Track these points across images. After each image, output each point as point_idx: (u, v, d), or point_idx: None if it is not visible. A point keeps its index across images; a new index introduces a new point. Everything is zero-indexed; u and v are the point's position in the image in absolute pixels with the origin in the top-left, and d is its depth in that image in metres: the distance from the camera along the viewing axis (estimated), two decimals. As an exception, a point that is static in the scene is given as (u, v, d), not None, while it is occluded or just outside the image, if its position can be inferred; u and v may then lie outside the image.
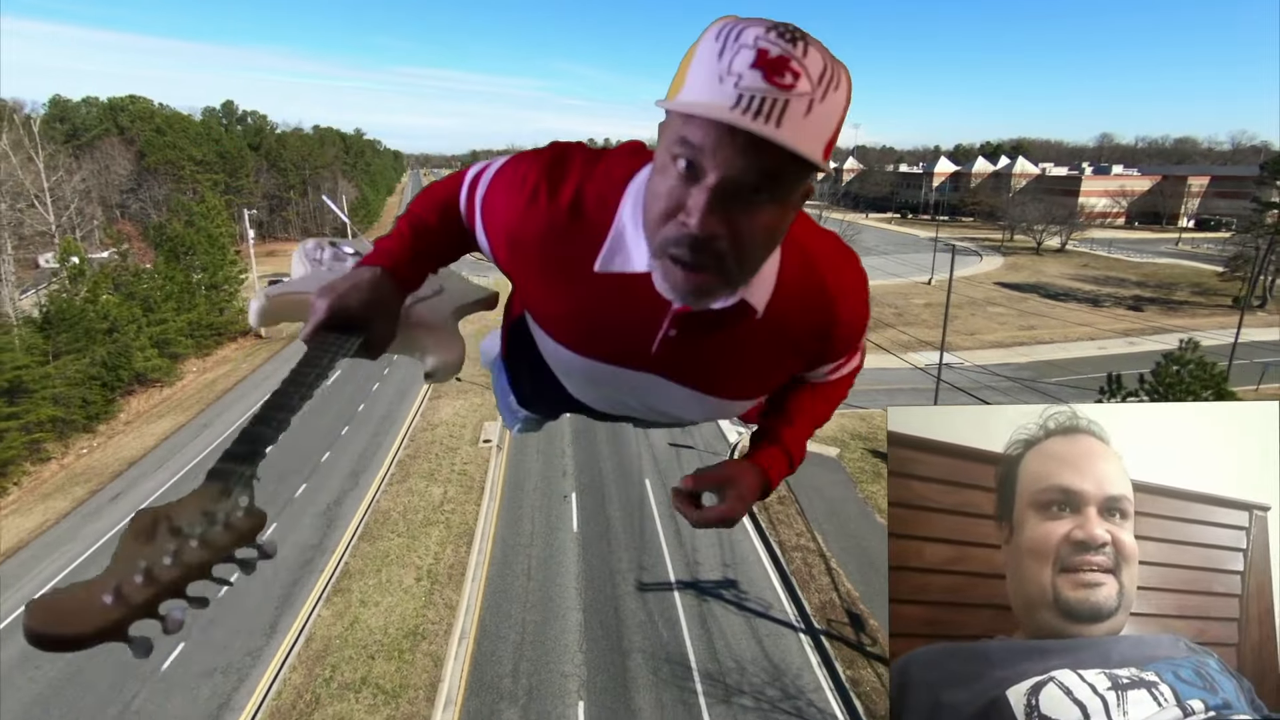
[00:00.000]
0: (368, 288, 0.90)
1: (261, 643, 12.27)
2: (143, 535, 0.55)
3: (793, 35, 0.64)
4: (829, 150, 0.68)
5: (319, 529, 16.06)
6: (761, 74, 0.62)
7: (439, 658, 11.95)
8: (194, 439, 22.24)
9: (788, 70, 0.62)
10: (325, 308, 0.87)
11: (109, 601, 0.49)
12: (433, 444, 20.81)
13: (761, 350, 0.89)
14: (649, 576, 14.06)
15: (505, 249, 0.92)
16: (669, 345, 0.87)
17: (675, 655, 11.89)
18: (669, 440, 20.20)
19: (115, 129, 60.35)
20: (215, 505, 0.60)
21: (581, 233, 0.83)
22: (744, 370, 0.92)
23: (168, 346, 28.47)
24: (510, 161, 0.94)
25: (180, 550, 0.54)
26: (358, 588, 13.86)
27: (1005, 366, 28.14)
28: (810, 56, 0.63)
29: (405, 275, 0.97)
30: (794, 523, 15.83)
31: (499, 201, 0.91)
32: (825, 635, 12.16)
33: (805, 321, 0.88)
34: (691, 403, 0.98)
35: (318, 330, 0.87)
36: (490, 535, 15.81)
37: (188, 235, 33.23)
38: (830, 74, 0.65)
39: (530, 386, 1.31)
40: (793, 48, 0.63)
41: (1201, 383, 14.57)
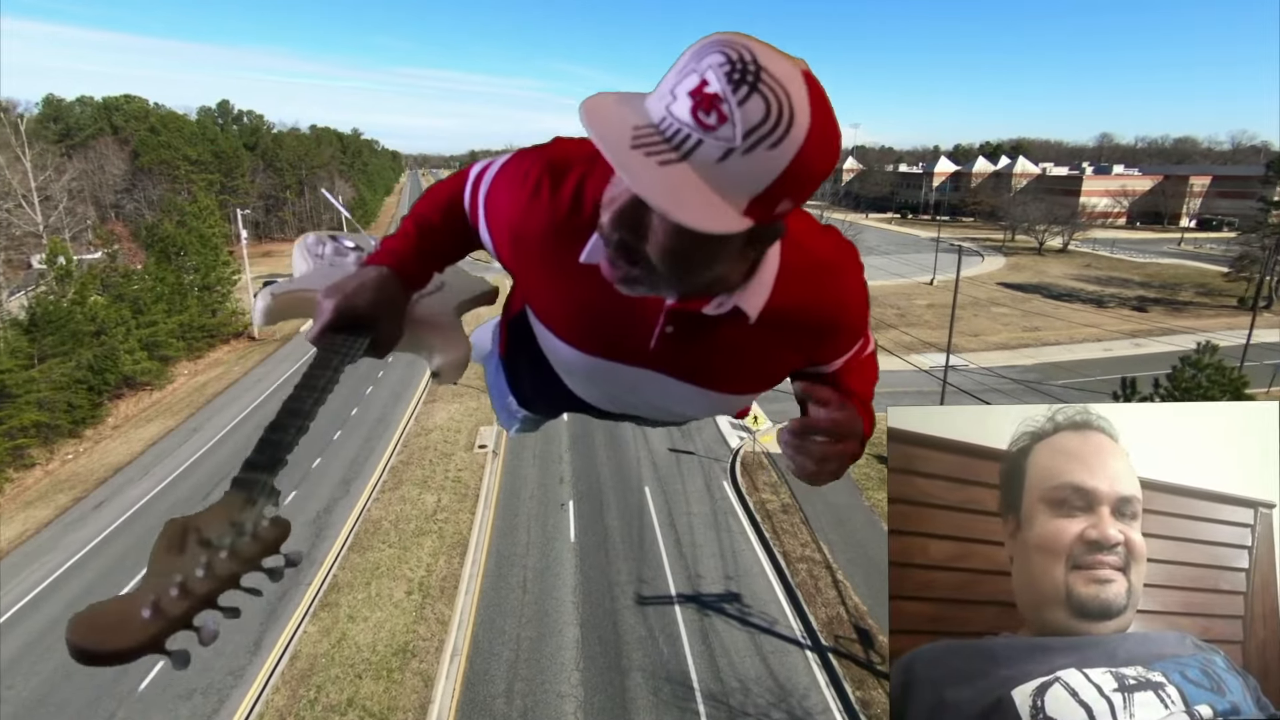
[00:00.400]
0: (374, 287, 0.91)
1: (245, 661, 11.75)
2: (174, 547, 0.56)
3: (743, 78, 0.58)
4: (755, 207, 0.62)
5: (308, 539, 15.53)
6: (690, 105, 0.59)
7: (429, 677, 11.43)
8: (182, 444, 21.71)
9: (715, 110, 0.58)
10: (332, 308, 0.88)
11: (148, 615, 0.50)
12: (427, 449, 20.29)
13: (761, 349, 0.89)
14: (649, 589, 13.56)
15: (508, 245, 0.92)
16: (667, 342, 0.87)
17: (676, 674, 11.38)
18: (669, 446, 19.71)
19: (109, 128, 59.87)
20: (241, 515, 0.61)
21: (583, 228, 0.82)
22: (744, 368, 0.92)
23: (158, 349, 27.90)
24: (513, 158, 0.93)
25: (212, 562, 0.55)
26: (346, 602, 13.34)
27: (1010, 368, 27.68)
28: (750, 105, 0.58)
29: (411, 274, 0.98)
30: (798, 532, 15.33)
31: (502, 198, 0.91)
32: (833, 653, 11.65)
33: (804, 323, 0.87)
34: (692, 398, 0.97)
35: (325, 331, 0.87)
36: (484, 545, 15.30)
37: (179, 235, 32.67)
38: (771, 130, 0.58)
39: (530, 384, 1.30)
40: (733, 90, 0.58)
41: (1220, 387, 14.09)
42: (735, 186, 0.60)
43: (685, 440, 20.10)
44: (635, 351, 0.90)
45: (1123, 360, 28.44)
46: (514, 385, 1.37)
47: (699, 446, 19.86)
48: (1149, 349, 30.53)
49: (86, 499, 18.45)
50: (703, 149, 0.59)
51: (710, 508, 16.71)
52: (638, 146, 0.60)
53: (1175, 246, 60.26)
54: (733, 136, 0.58)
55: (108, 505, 17.92)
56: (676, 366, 0.91)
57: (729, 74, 0.58)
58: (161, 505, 17.65)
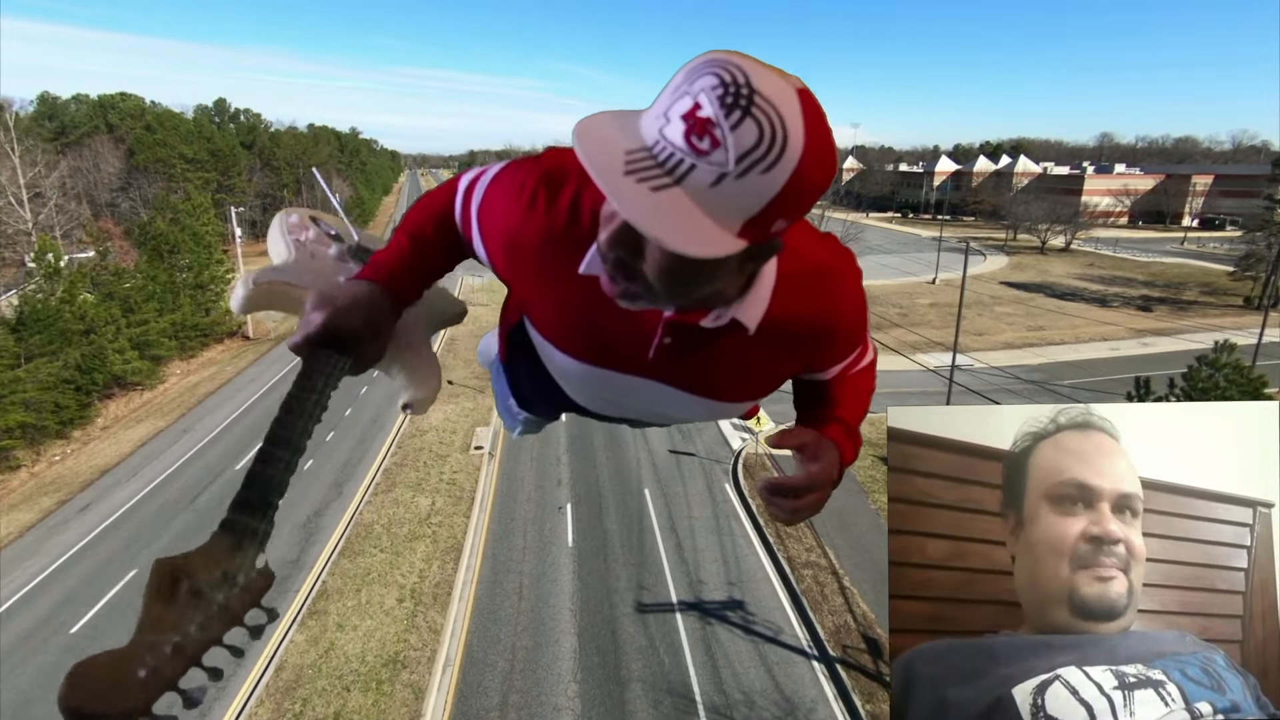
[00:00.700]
0: (367, 306, 0.89)
1: (228, 671, 11.18)
2: (165, 594, 0.55)
3: (736, 101, 0.57)
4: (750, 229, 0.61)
5: (297, 543, 15.07)
6: (683, 129, 0.58)
7: (420, 689, 10.97)
8: (171, 445, 21.23)
9: (708, 135, 0.58)
10: (321, 325, 0.85)
11: (144, 676, 0.51)
12: (421, 451, 19.83)
13: (759, 359, 0.89)
14: (649, 596, 13.10)
15: (503, 256, 0.92)
16: (665, 352, 0.86)
17: (678, 685, 10.93)
18: (669, 447, 19.26)
19: (105, 127, 59.33)
20: (231, 563, 0.60)
21: (581, 239, 0.82)
22: (742, 377, 0.92)
23: (149, 348, 27.39)
24: (507, 168, 0.92)
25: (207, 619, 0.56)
26: (335, 609, 12.87)
27: (1017, 368, 27.24)
28: (742, 129, 0.57)
29: (404, 291, 0.97)
30: (803, 536, 14.88)
31: (497, 209, 0.90)
32: (841, 663, 11.20)
33: (802, 332, 0.87)
34: (692, 406, 0.97)
35: (309, 344, 0.85)
36: (479, 550, 14.83)
37: (171, 233, 32.16)
38: (764, 154, 0.58)
39: (530, 389, 1.28)
40: (725, 114, 0.57)
41: (1238, 387, 13.64)
42: (729, 210, 0.60)
43: (686, 441, 19.65)
44: (633, 361, 0.89)
45: (1131, 360, 28.01)
46: (514, 388, 1.37)
47: (700, 448, 19.40)
48: (1157, 348, 30.11)
49: (72, 502, 17.97)
50: (696, 173, 0.58)
51: (712, 511, 16.25)
52: (630, 172, 0.59)
53: (1178, 246, 59.86)
54: (726, 161, 0.58)
55: (93, 508, 17.44)
56: (675, 376, 0.91)
57: (721, 97, 0.57)
58: (148, 509, 17.19)
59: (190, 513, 16.83)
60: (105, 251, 29.45)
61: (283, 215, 1.26)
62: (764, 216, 0.61)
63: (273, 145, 67.08)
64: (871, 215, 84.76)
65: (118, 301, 26.90)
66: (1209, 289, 42.43)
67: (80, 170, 49.50)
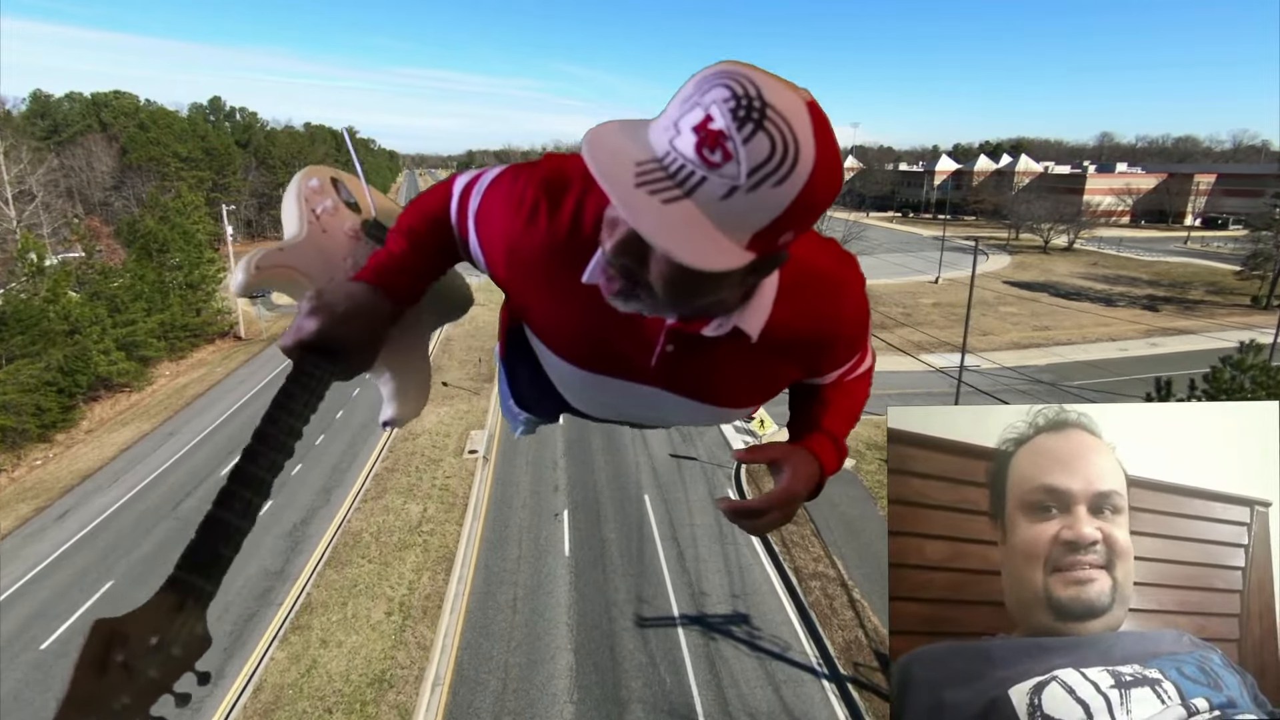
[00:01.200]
0: (367, 314, 0.88)
1: (203, 692, 10.62)
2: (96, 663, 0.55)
3: (749, 114, 0.56)
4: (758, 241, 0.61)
5: (282, 553, 14.45)
6: (694, 141, 0.58)
7: (407, 710, 10.34)
8: (156, 449, 20.58)
9: (720, 148, 0.57)
10: (315, 331, 0.83)
11: None
12: (413, 455, 19.19)
13: (761, 366, 0.89)
14: (649, 610, 12.47)
15: (503, 265, 0.90)
16: (667, 360, 0.86)
17: (680, 706, 10.31)
18: (670, 451, 18.64)
19: (98, 125, 58.61)
20: (168, 626, 0.59)
21: (582, 250, 0.81)
22: (744, 383, 0.92)
23: (137, 349, 26.76)
24: (505, 175, 0.90)
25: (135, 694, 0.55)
26: (319, 624, 12.24)
27: (1024, 368, 26.65)
28: (755, 143, 0.56)
29: (402, 298, 0.95)
30: (810, 545, 14.27)
31: (496, 218, 0.88)
32: (852, 682, 10.58)
33: (804, 339, 0.87)
34: (695, 411, 0.96)
35: (300, 347, 0.83)
36: (472, 560, 14.20)
37: (161, 231, 31.49)
38: (776, 168, 0.57)
39: (529, 390, 1.26)
40: (738, 127, 0.56)
41: (1265, 389, 13.02)
42: (738, 223, 0.60)
43: (687, 445, 19.03)
44: (635, 368, 0.89)
45: (1140, 360, 27.44)
46: (514, 388, 1.34)
47: (701, 452, 18.79)
48: (1165, 348, 29.53)
49: (50, 508, 17.34)
50: (707, 186, 0.58)
51: (714, 518, 15.62)
52: (642, 184, 0.59)
53: (1182, 245, 59.31)
54: (737, 175, 0.57)
55: (71, 515, 16.80)
56: (677, 383, 0.91)
57: (734, 110, 0.57)
58: (128, 516, 16.55)
59: (172, 519, 16.20)
60: (91, 250, 28.74)
61: (303, 176, 1.16)
62: (773, 229, 0.61)
63: (268, 144, 66.41)
64: (872, 215, 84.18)
65: (104, 301, 26.25)
66: (1215, 288, 41.86)
67: (73, 169, 48.82)
